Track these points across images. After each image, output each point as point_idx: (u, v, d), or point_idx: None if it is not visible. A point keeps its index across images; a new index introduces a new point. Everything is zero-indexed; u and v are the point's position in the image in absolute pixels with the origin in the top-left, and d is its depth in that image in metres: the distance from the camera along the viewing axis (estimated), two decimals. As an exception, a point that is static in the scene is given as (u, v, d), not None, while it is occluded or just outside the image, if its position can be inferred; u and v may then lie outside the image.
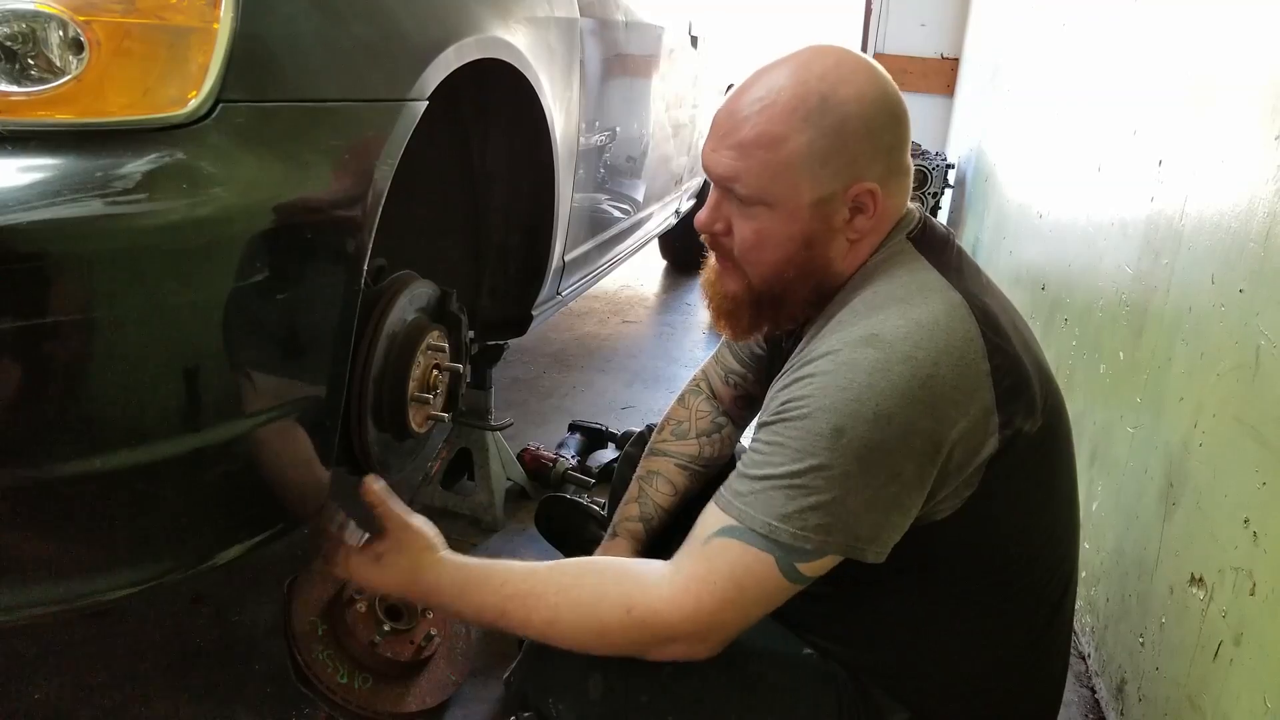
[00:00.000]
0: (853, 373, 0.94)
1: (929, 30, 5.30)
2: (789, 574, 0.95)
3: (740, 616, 0.98)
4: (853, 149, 0.99)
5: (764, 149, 0.99)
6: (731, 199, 1.04)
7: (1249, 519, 1.15)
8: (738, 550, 0.96)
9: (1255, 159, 1.27)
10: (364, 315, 1.30)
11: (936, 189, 4.50)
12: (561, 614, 1.01)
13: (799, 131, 0.98)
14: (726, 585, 0.96)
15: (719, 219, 1.06)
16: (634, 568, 1.07)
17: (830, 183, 1.00)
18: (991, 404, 0.96)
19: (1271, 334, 1.16)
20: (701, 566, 0.98)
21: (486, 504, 2.06)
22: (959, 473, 0.97)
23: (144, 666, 1.54)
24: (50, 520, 0.97)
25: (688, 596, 0.97)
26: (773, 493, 0.95)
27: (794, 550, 0.94)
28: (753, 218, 1.03)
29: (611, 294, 4.20)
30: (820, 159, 0.98)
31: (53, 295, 0.89)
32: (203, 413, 1.02)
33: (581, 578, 1.04)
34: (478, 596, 1.06)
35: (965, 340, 0.96)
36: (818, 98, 0.98)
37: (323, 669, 1.31)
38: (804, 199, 1.00)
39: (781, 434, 0.96)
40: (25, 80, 0.91)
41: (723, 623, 0.98)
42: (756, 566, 0.95)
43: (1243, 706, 1.11)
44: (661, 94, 2.80)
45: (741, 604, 0.97)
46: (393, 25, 1.23)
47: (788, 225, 1.02)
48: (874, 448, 0.92)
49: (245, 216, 1.00)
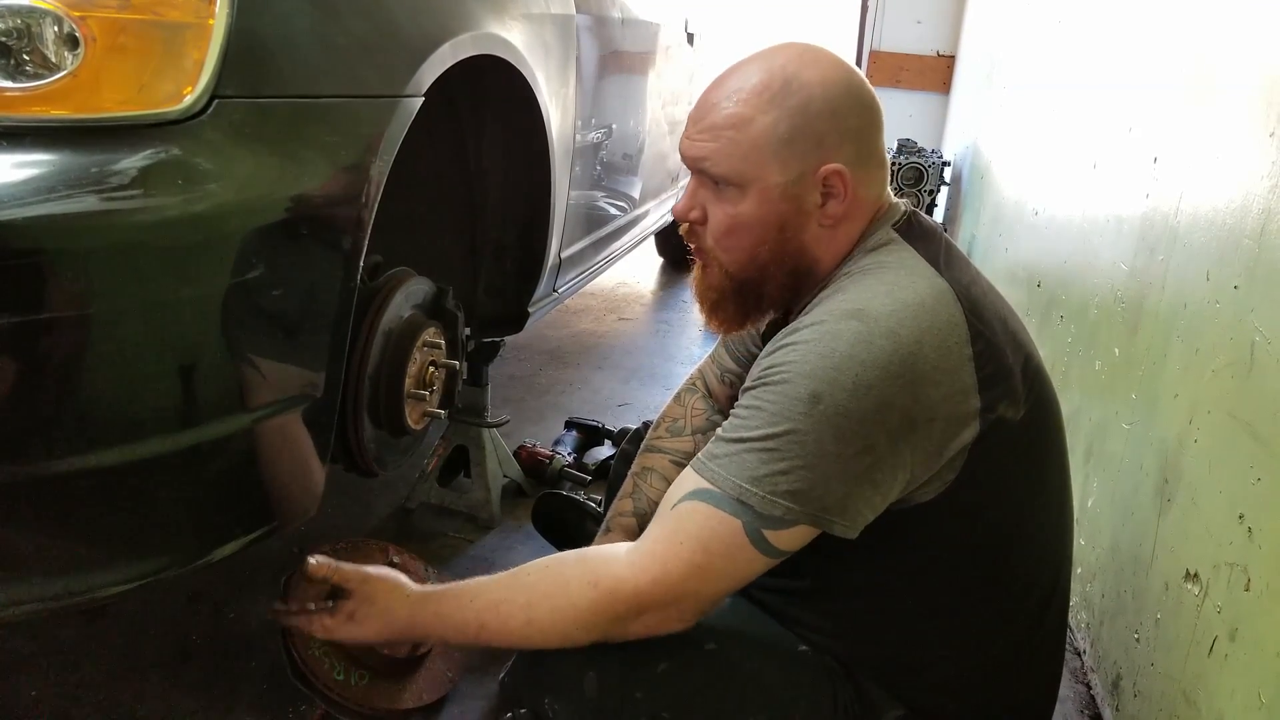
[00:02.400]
0: (835, 342, 0.95)
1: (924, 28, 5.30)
2: (757, 541, 0.95)
3: (708, 585, 0.98)
4: (818, 129, 1.01)
5: (732, 129, 1.02)
6: (706, 185, 1.07)
7: (1244, 514, 1.16)
8: (705, 512, 0.96)
9: (1250, 155, 1.28)
10: (360, 312, 1.30)
11: (932, 186, 4.51)
12: (535, 610, 1.02)
13: (764, 112, 1.01)
14: (693, 548, 0.96)
15: (695, 205, 1.08)
16: (598, 549, 1.08)
17: (798, 163, 1.02)
18: (973, 387, 0.97)
19: (1266, 330, 1.16)
20: (668, 528, 0.98)
21: (483, 501, 2.06)
22: (939, 454, 0.97)
23: (140, 663, 1.53)
24: (46, 516, 0.97)
25: (653, 560, 0.98)
26: (745, 455, 0.96)
27: (762, 516, 0.94)
28: (726, 201, 1.05)
29: (608, 291, 4.20)
30: (785, 139, 1.01)
31: (48, 291, 0.89)
32: (198, 409, 1.02)
33: (546, 570, 1.05)
34: (455, 617, 1.08)
35: (949, 324, 0.97)
36: (781, 80, 1.02)
37: (319, 666, 1.31)
38: (773, 179, 1.03)
39: (760, 398, 0.97)
40: (20, 76, 0.91)
41: (691, 591, 0.98)
42: (723, 530, 0.96)
43: (1237, 702, 1.12)
44: (658, 91, 2.80)
45: (709, 571, 0.97)
46: (388, 21, 1.23)
47: (759, 208, 1.04)
48: (848, 416, 0.93)
49: (241, 213, 1.00)
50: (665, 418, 1.49)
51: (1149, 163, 1.72)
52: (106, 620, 1.62)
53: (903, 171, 4.47)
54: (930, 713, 1.10)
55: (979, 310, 1.01)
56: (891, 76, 5.27)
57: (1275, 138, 1.20)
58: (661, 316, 3.92)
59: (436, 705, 1.43)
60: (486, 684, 1.53)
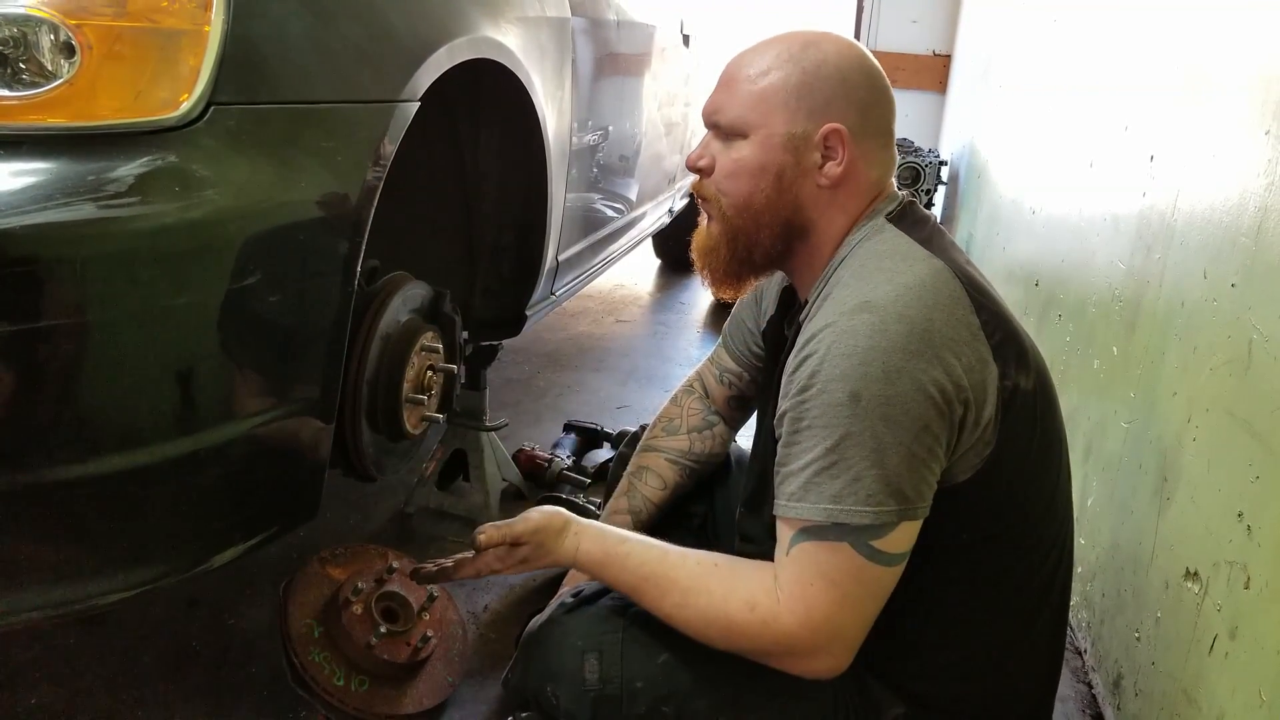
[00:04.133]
0: (853, 339, 0.97)
1: (921, 27, 5.31)
2: (870, 555, 0.97)
3: (853, 615, 1.00)
4: (827, 90, 1.07)
5: (747, 81, 1.09)
6: (718, 137, 1.12)
7: (1242, 513, 1.16)
8: (813, 550, 0.98)
9: (1246, 153, 1.28)
10: (357, 317, 1.30)
11: (930, 186, 4.51)
12: (690, 600, 1.05)
13: (778, 67, 1.08)
14: (823, 586, 0.98)
15: (705, 155, 1.14)
16: (750, 566, 1.08)
17: (803, 119, 1.07)
18: (988, 355, 0.99)
19: (1264, 328, 1.16)
20: (793, 575, 0.99)
21: (482, 505, 2.06)
22: (977, 426, 0.99)
23: (140, 670, 1.53)
24: (45, 524, 0.97)
25: (797, 603, 0.99)
26: (816, 479, 0.97)
27: (860, 529, 0.96)
28: (732, 149, 1.10)
29: (605, 293, 4.20)
30: (796, 93, 1.07)
31: (46, 299, 0.89)
32: (196, 416, 1.02)
33: (714, 569, 1.08)
34: (614, 573, 1.13)
35: (952, 298, 1.00)
36: (801, 44, 1.09)
37: (319, 671, 1.31)
38: (777, 129, 1.07)
39: (803, 418, 0.99)
40: (17, 84, 0.91)
41: (839, 626, 0.99)
42: (837, 558, 0.97)
43: (1238, 700, 1.12)
44: (654, 93, 2.80)
45: (847, 601, 0.98)
46: (384, 26, 1.22)
47: (761, 154, 1.08)
48: (891, 403, 0.94)
49: (238, 219, 1.00)
50: (661, 418, 1.50)
51: (1146, 161, 1.73)
52: (106, 627, 1.62)
53: (900, 171, 4.48)
54: (932, 708, 1.11)
55: (976, 284, 1.04)
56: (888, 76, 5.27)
57: (1271, 135, 1.20)
58: (660, 318, 3.92)
59: (437, 710, 1.43)
60: (487, 688, 1.53)
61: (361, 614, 1.36)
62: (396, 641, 1.38)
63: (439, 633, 1.46)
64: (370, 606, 1.38)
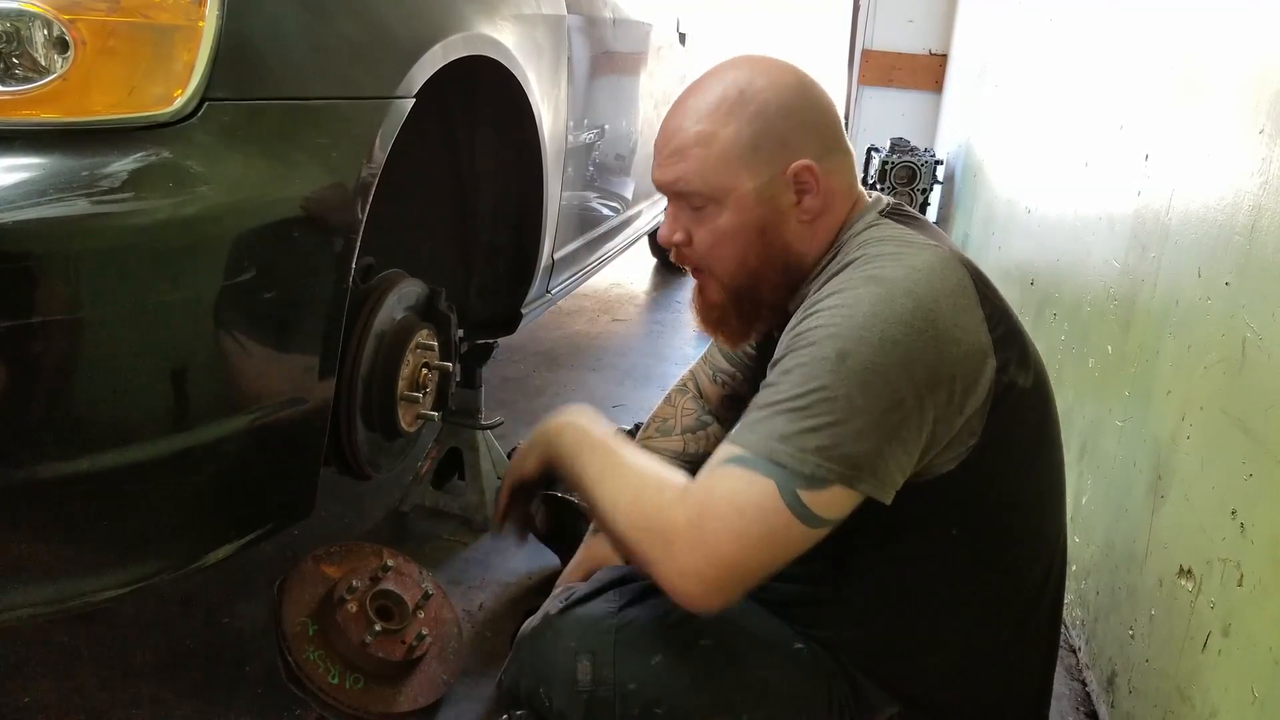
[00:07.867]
0: (858, 304, 0.96)
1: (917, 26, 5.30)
2: (792, 504, 0.92)
3: (738, 551, 0.93)
4: (779, 129, 1.05)
5: (698, 146, 1.06)
6: (685, 208, 1.10)
7: (1236, 510, 1.16)
8: (738, 473, 0.94)
9: (1240, 152, 1.28)
10: (352, 314, 1.29)
11: (925, 185, 4.51)
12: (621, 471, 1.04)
13: (724, 125, 1.05)
14: (727, 509, 0.93)
15: (677, 229, 1.11)
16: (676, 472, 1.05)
17: (767, 167, 1.05)
18: (989, 347, 0.98)
19: (1258, 326, 1.16)
20: (707, 485, 0.96)
21: (477, 504, 2.05)
22: (960, 414, 0.97)
23: (134, 668, 1.53)
24: (39, 521, 0.97)
25: (693, 507, 0.95)
26: (776, 417, 0.95)
27: (794, 475, 0.92)
28: (707, 219, 1.08)
29: (601, 292, 4.19)
30: (750, 146, 1.05)
31: (39, 295, 0.89)
32: (190, 412, 1.02)
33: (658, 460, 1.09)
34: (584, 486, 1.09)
35: (959, 286, 0.99)
36: (735, 91, 1.06)
37: (314, 669, 1.31)
38: (746, 187, 1.06)
39: (788, 363, 0.97)
40: (10, 79, 0.91)
41: (720, 554, 0.93)
42: (754, 489, 0.93)
43: (1231, 697, 1.12)
44: (650, 91, 2.80)
45: (742, 539, 0.92)
46: (379, 23, 1.22)
47: (739, 217, 1.07)
48: (875, 371, 0.93)
49: (231, 215, 0.99)
50: (655, 418, 1.50)
51: (1140, 160, 1.73)
52: (100, 625, 1.62)
53: (896, 170, 4.47)
54: (926, 706, 1.11)
55: (981, 276, 1.04)
56: (884, 75, 5.28)
57: (1265, 135, 1.21)
58: (655, 317, 3.92)
59: (432, 708, 1.43)
60: (482, 686, 1.53)
61: (356, 612, 1.36)
62: (391, 640, 1.38)
63: (434, 631, 1.45)
64: (365, 605, 1.38)
